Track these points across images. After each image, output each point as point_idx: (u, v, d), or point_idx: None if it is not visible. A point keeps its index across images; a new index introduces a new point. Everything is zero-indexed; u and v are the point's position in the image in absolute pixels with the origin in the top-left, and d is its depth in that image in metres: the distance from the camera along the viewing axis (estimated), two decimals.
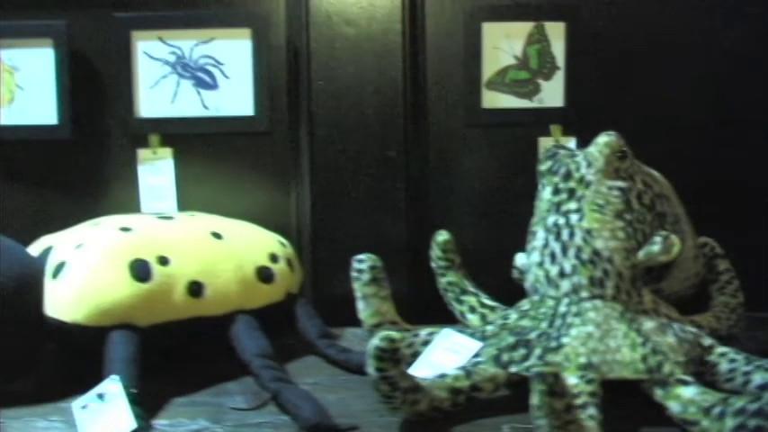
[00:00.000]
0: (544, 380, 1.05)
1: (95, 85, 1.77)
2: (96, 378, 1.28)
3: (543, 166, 1.44)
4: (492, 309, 1.51)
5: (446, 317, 1.54)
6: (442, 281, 1.57)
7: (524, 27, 1.74)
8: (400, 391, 1.17)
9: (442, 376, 1.26)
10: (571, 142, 1.73)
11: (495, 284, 1.56)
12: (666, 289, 1.44)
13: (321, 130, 1.75)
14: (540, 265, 1.37)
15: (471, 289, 1.55)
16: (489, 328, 1.41)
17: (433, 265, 1.58)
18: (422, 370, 1.32)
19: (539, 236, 1.39)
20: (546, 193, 1.42)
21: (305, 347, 1.53)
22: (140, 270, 1.36)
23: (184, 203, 1.74)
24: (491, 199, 1.81)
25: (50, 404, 1.32)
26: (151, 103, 1.73)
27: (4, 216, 1.47)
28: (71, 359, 1.43)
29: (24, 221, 1.38)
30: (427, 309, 1.61)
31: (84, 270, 1.34)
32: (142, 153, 1.74)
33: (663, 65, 1.78)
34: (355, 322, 1.52)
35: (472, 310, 1.52)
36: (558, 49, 1.75)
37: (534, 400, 1.06)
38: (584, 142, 1.50)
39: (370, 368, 1.15)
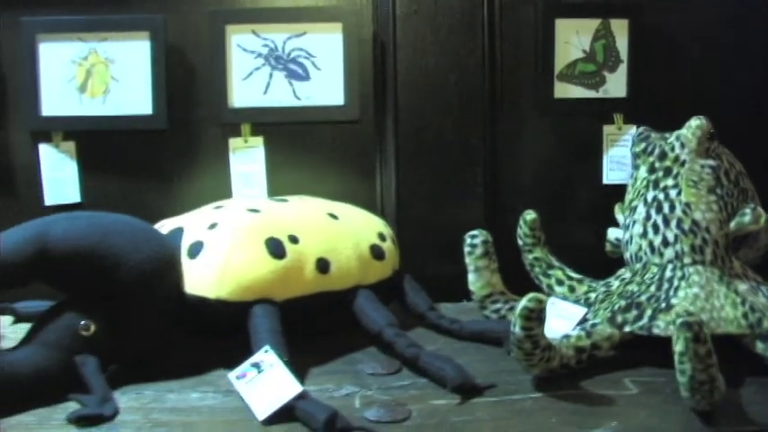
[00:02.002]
0: (690, 328, 1.15)
1: (189, 76, 1.84)
2: (228, 352, 1.37)
3: (637, 148, 1.56)
4: (579, 280, 1.62)
5: (524, 290, 1.62)
6: (529, 257, 1.67)
7: (592, 23, 1.86)
8: (540, 348, 1.27)
9: (566, 337, 1.37)
10: (632, 130, 1.85)
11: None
12: (742, 258, 1.55)
13: (405, 118, 1.85)
14: (644, 235, 1.49)
15: (556, 263, 1.66)
16: (592, 295, 1.52)
17: (520, 242, 1.68)
18: None
19: (639, 210, 1.51)
20: (642, 172, 1.54)
21: (413, 320, 1.61)
22: (275, 248, 1.44)
23: (273, 190, 1.81)
24: (557, 183, 1.93)
25: (196, 377, 1.39)
26: (244, 93, 1.80)
27: (101, 204, 1.53)
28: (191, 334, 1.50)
29: (120, 209, 1.44)
30: (505, 284, 1.69)
31: (224, 249, 1.41)
32: (234, 142, 1.81)
33: (718, 59, 1.92)
34: (440, 299, 1.65)
35: (559, 282, 1.63)
36: (622, 43, 1.87)
37: (679, 346, 1.15)
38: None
39: (516, 327, 1.25)
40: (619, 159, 1.88)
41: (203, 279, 1.40)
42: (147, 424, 1.20)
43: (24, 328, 1.47)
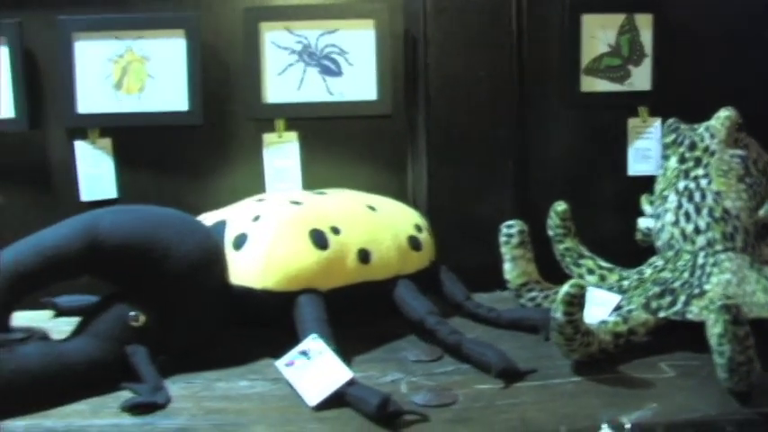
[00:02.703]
0: (729, 310, 1.18)
1: (224, 73, 1.87)
2: (272, 341, 1.41)
3: (668, 139, 1.59)
4: (609, 269, 1.66)
5: (554, 280, 1.67)
6: (560, 247, 1.71)
7: (617, 18, 1.90)
8: (580, 333, 1.31)
9: (604, 323, 1.41)
10: (656, 122, 1.89)
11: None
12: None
13: (437, 113, 1.87)
14: (676, 223, 1.53)
15: (587, 253, 1.70)
16: (625, 283, 1.55)
17: (551, 232, 1.71)
18: None
19: (670, 199, 1.55)
20: (672, 162, 1.57)
21: (450, 309, 1.64)
22: (319, 239, 1.47)
23: (307, 184, 1.83)
24: (583, 174, 1.96)
25: (242, 366, 1.43)
26: (278, 89, 1.82)
27: (137, 199, 1.55)
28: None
29: (155, 204, 1.46)
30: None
31: (269, 240, 1.45)
32: (268, 137, 1.84)
33: (741, 52, 1.95)
34: (473, 289, 1.68)
35: (590, 271, 1.66)
36: (647, 38, 1.90)
37: (718, 329, 1.19)
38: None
39: (558, 313, 1.28)
40: (643, 151, 1.90)
41: (249, 270, 1.43)
42: (200, 411, 1.24)
43: (65, 321, 1.54)
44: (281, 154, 1.83)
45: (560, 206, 1.68)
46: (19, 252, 1.29)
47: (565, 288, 1.27)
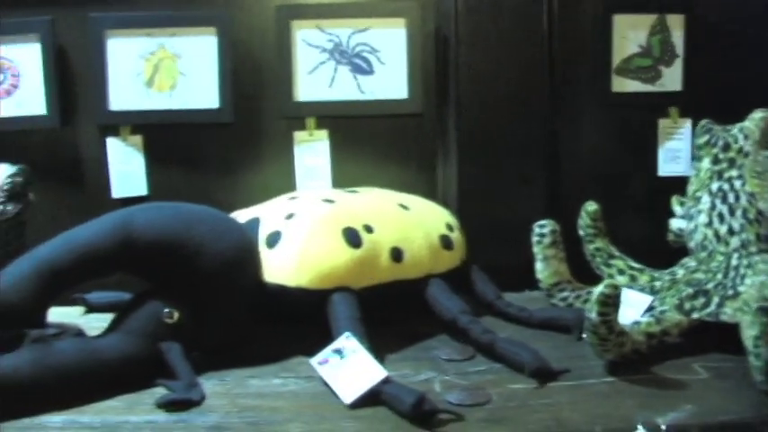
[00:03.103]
0: (766, 313, 1.18)
1: (255, 71, 1.87)
2: (303, 339, 1.41)
3: (701, 140, 1.59)
4: (640, 270, 1.65)
5: (583, 280, 1.67)
6: (590, 247, 1.70)
7: (648, 19, 1.90)
8: (614, 333, 1.31)
9: (637, 323, 1.41)
10: (687, 123, 1.88)
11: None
12: None
13: (467, 112, 1.87)
14: (709, 225, 1.52)
15: (617, 254, 1.69)
16: (658, 283, 1.55)
17: (581, 232, 1.70)
18: None
19: (704, 200, 1.54)
20: (705, 163, 1.57)
21: (481, 309, 1.63)
22: (352, 237, 1.47)
23: (337, 182, 1.84)
24: (613, 175, 1.95)
25: (275, 364, 1.42)
26: (309, 87, 1.83)
27: (168, 196, 1.55)
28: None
29: (186, 202, 1.46)
30: None
31: (302, 238, 1.45)
32: (299, 135, 1.85)
33: None
34: (502, 288, 1.67)
35: (621, 272, 1.66)
36: (678, 38, 1.90)
37: (755, 331, 1.19)
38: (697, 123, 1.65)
39: (592, 313, 1.28)
40: (674, 152, 1.90)
41: (283, 268, 1.44)
42: (235, 409, 1.24)
43: (96, 317, 1.54)
44: (312, 152, 1.84)
45: (591, 206, 1.68)
46: (52, 249, 1.29)
47: (600, 288, 1.27)
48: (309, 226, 1.46)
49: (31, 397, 1.21)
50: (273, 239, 1.46)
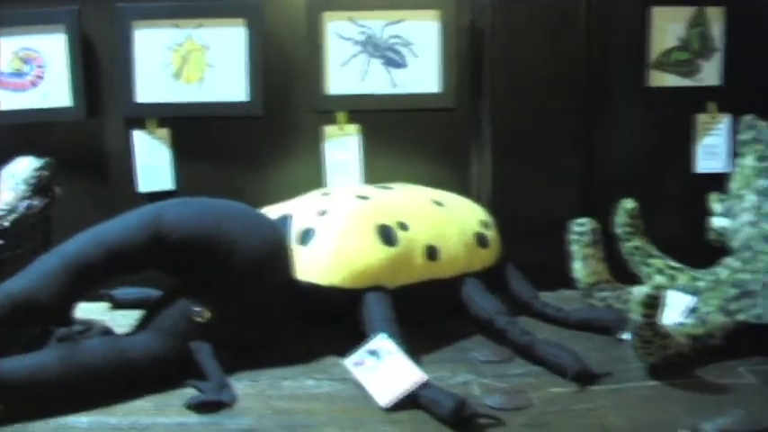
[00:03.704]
0: None
1: (285, 63, 1.83)
2: (335, 339, 1.39)
3: (745, 136, 1.54)
4: (679, 269, 1.60)
5: (619, 279, 1.63)
6: (628, 245, 1.65)
7: (687, 11, 1.85)
8: (658, 336, 1.27)
9: (681, 325, 1.37)
10: (726, 119, 1.84)
11: None
12: None
13: (502, 107, 1.83)
14: (754, 224, 1.48)
15: (656, 252, 1.64)
16: (700, 284, 1.50)
17: (618, 230, 1.66)
18: None
19: (748, 198, 1.50)
20: (749, 160, 1.53)
21: (517, 308, 1.59)
22: (386, 235, 1.44)
23: (367, 178, 1.81)
24: (650, 171, 1.91)
25: (307, 364, 1.39)
26: (340, 81, 1.80)
27: (195, 191, 1.52)
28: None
29: (213, 196, 1.44)
30: None
31: (336, 235, 1.42)
32: (328, 129, 1.81)
33: None
34: (536, 287, 1.63)
35: (659, 271, 1.61)
36: (718, 31, 1.85)
37: None
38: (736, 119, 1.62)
39: (636, 315, 1.24)
40: (711, 148, 1.86)
41: (315, 266, 1.41)
42: (268, 411, 1.21)
43: (122, 314, 1.54)
44: (342, 147, 1.81)
45: (629, 203, 1.64)
46: (81, 245, 1.27)
47: (644, 289, 1.24)
48: (343, 223, 1.43)
49: (58, 397, 1.18)
50: (306, 236, 1.43)
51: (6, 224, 1.42)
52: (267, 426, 1.17)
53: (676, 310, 1.46)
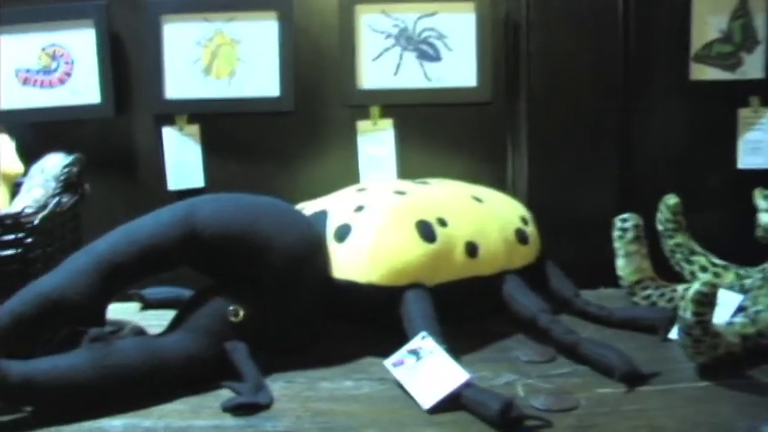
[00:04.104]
0: None
1: (317, 57, 1.81)
2: (373, 338, 1.35)
3: None
4: (724, 267, 1.56)
5: (661, 277, 1.59)
6: (670, 242, 1.62)
7: (729, 2, 1.80)
8: (709, 335, 1.23)
9: (731, 324, 1.32)
10: None
11: None
12: None
13: (539, 101, 1.80)
14: None
15: (699, 249, 1.61)
16: (748, 281, 1.46)
17: (660, 227, 1.62)
18: None
19: None
20: None
21: (558, 306, 1.55)
22: (426, 231, 1.40)
23: (402, 173, 1.79)
24: (691, 166, 1.87)
25: (345, 364, 1.35)
26: (373, 75, 1.77)
27: (226, 188, 1.50)
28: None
29: (246, 193, 1.41)
30: None
31: (374, 232, 1.38)
32: (362, 124, 1.78)
33: None
34: (576, 285, 1.58)
35: (703, 269, 1.57)
36: (761, 23, 1.80)
37: None
38: None
39: (687, 313, 1.20)
40: (754, 143, 1.82)
41: (353, 263, 1.37)
42: (307, 413, 1.17)
43: (153, 314, 1.52)
44: (376, 142, 1.78)
45: (672, 199, 1.60)
46: (112, 243, 1.24)
47: (696, 286, 1.19)
48: (381, 219, 1.39)
49: (91, 399, 1.15)
50: (343, 233, 1.40)
51: (36, 221, 1.39)
52: (305, 428, 1.13)
53: (725, 308, 1.42)
